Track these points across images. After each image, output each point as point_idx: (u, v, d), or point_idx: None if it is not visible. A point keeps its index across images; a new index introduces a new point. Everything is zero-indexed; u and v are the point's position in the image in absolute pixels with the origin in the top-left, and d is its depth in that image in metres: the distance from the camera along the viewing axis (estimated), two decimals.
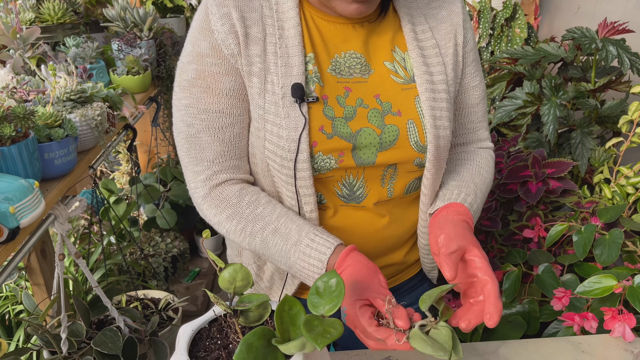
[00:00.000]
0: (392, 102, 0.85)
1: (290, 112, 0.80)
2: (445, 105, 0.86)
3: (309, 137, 0.80)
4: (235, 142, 0.85)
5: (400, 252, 0.97)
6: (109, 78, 1.97)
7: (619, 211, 1.21)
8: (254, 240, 0.83)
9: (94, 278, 1.42)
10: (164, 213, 2.15)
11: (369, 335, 0.68)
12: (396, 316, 0.67)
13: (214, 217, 0.86)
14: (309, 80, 0.82)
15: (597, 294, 0.91)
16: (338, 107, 0.83)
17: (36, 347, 1.36)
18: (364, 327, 0.68)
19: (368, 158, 0.84)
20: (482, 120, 0.98)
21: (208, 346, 0.67)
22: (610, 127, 1.79)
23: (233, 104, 0.83)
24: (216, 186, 0.85)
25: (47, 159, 1.19)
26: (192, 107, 0.83)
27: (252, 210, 0.83)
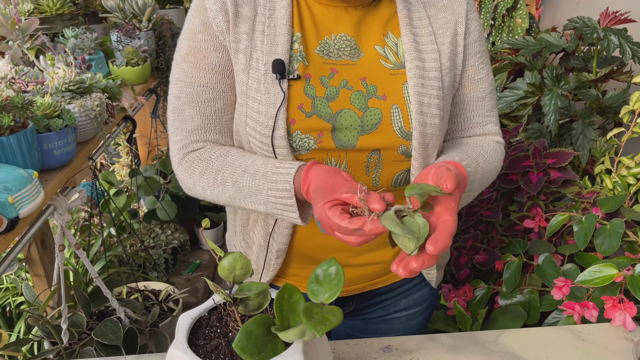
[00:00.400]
0: (378, 86, 0.84)
1: (271, 89, 0.81)
2: (435, 92, 0.84)
3: (286, 114, 0.81)
4: (216, 117, 0.87)
5: (387, 252, 0.95)
6: (108, 69, 1.96)
7: (620, 201, 1.21)
8: (227, 188, 0.82)
9: (94, 269, 1.42)
10: (164, 205, 2.15)
11: (346, 230, 0.64)
12: (370, 201, 0.64)
13: (189, 179, 0.87)
14: (293, 59, 0.83)
15: (598, 283, 0.91)
16: (320, 87, 0.83)
17: (37, 338, 1.36)
18: (337, 224, 0.65)
19: (348, 141, 0.83)
20: (489, 115, 0.95)
21: (207, 334, 0.67)
22: (611, 117, 1.79)
23: (218, 80, 0.85)
24: (191, 152, 0.87)
25: (46, 150, 1.18)
26: (181, 81, 0.87)
27: (222, 160, 0.84)
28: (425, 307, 1.07)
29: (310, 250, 0.93)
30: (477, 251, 1.24)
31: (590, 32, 1.59)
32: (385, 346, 0.85)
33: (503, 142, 0.98)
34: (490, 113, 0.96)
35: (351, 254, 0.93)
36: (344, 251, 0.92)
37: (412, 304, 1.05)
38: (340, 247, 0.91)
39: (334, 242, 0.90)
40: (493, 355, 0.83)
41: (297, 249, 0.94)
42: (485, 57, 0.93)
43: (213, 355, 0.64)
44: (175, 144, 0.89)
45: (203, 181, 0.85)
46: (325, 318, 0.59)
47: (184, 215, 2.38)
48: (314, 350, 0.65)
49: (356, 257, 0.93)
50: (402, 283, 1.02)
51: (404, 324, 1.06)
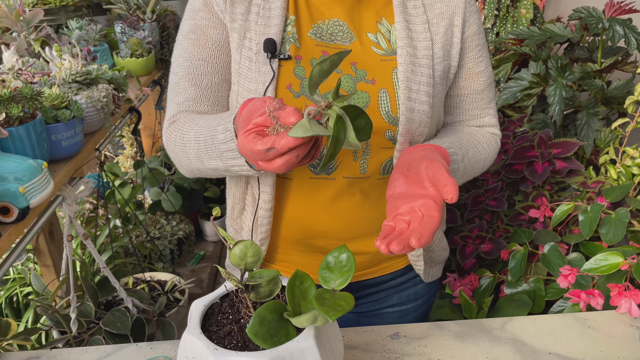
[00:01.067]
0: (367, 71, 0.85)
1: (261, 67, 0.83)
2: (425, 80, 0.85)
3: (274, 93, 0.82)
4: (210, 90, 0.88)
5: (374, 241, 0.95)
6: (112, 61, 1.96)
7: (625, 190, 1.21)
8: (191, 146, 0.80)
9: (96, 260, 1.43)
10: (170, 196, 2.16)
11: (258, 153, 0.59)
12: (282, 116, 0.58)
13: (169, 146, 0.88)
14: (285, 40, 0.85)
15: (604, 271, 0.92)
16: (310, 69, 0.84)
17: (45, 328, 1.37)
18: (249, 148, 0.59)
19: None
20: (487, 107, 0.96)
21: (220, 321, 0.68)
22: (616, 107, 1.79)
23: (216, 55, 0.87)
24: (174, 122, 0.88)
25: (54, 141, 1.19)
26: (180, 57, 0.89)
27: (190, 123, 0.83)
28: (420, 304, 1.06)
29: (295, 236, 0.94)
30: (483, 240, 1.25)
31: (595, 22, 1.59)
32: (394, 333, 0.86)
33: (499, 134, 0.98)
34: (488, 105, 0.96)
35: (337, 241, 0.93)
36: (330, 238, 0.92)
37: (404, 300, 1.04)
38: (326, 233, 0.91)
39: (320, 228, 0.91)
40: (500, 342, 0.84)
41: (283, 234, 0.94)
42: (484, 49, 0.93)
43: (226, 341, 0.65)
44: (166, 117, 0.91)
45: (177, 146, 0.85)
46: (337, 304, 0.60)
47: (189, 207, 2.39)
48: (325, 336, 0.65)
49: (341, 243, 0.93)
50: (392, 277, 1.01)
51: (396, 319, 1.05)
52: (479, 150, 0.92)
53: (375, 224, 0.92)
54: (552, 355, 0.80)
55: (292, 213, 0.91)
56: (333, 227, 0.90)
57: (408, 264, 1.01)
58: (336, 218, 0.89)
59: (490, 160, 0.96)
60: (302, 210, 0.90)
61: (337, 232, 0.90)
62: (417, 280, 1.04)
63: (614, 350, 0.81)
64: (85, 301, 1.41)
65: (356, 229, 0.91)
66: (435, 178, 0.70)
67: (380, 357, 0.81)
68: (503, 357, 0.80)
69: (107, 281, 1.48)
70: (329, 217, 0.89)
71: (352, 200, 0.89)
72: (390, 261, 0.98)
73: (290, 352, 0.61)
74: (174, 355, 0.83)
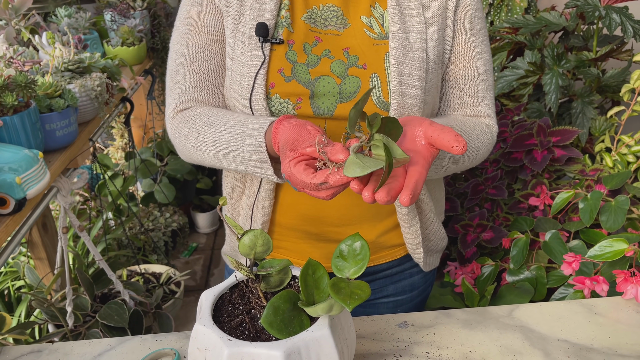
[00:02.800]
0: (359, 56, 0.84)
1: (253, 52, 0.83)
2: (417, 64, 0.83)
3: (266, 77, 0.82)
4: (209, 77, 0.88)
5: (374, 229, 0.93)
6: (102, 49, 1.92)
7: (625, 178, 1.22)
8: (208, 147, 0.82)
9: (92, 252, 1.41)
10: (163, 187, 2.13)
11: (311, 186, 0.62)
12: (332, 152, 0.61)
13: (177, 140, 0.89)
14: (278, 25, 0.85)
15: (609, 257, 0.92)
16: (302, 54, 0.84)
17: (41, 321, 1.35)
18: (301, 180, 0.62)
19: (327, 108, 0.83)
20: (482, 96, 0.91)
21: (230, 311, 0.67)
22: (610, 96, 1.79)
23: (212, 42, 0.87)
24: (179, 112, 0.88)
25: (48, 130, 1.16)
26: (178, 44, 0.89)
27: (204, 120, 0.84)
28: (415, 295, 1.06)
29: (292, 222, 0.93)
30: (484, 229, 1.25)
31: (592, 11, 1.59)
32: (401, 322, 0.86)
33: (495, 126, 0.93)
34: (482, 95, 0.92)
35: (334, 228, 0.92)
36: (327, 225, 0.91)
37: (400, 290, 1.03)
38: (322, 219, 0.91)
39: (316, 214, 0.91)
40: (508, 330, 0.83)
41: (279, 221, 0.94)
42: (481, 35, 0.90)
43: (238, 332, 0.64)
44: (168, 105, 0.90)
45: (188, 142, 0.86)
46: (353, 292, 0.59)
47: (182, 198, 2.37)
48: (339, 325, 0.65)
49: (340, 232, 0.92)
50: (388, 267, 1.00)
51: (391, 310, 1.04)
52: (472, 138, 0.87)
53: (371, 211, 0.92)
54: (561, 342, 0.81)
55: (288, 199, 0.91)
56: (329, 213, 0.89)
57: (405, 254, 1.00)
58: (332, 204, 0.89)
59: (483, 152, 0.91)
60: (298, 196, 0.89)
61: (333, 218, 0.90)
62: (413, 271, 1.03)
63: (622, 336, 0.81)
64: (80, 294, 1.38)
65: (352, 215, 0.90)
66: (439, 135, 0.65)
67: (389, 346, 0.81)
68: (512, 344, 0.80)
69: (103, 274, 1.46)
70: (325, 203, 0.88)
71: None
72: (388, 250, 0.97)
73: (305, 342, 0.60)
74: (179, 347, 0.82)
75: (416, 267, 1.02)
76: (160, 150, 2.28)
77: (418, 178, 0.61)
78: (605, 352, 0.78)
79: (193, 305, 2.31)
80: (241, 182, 0.95)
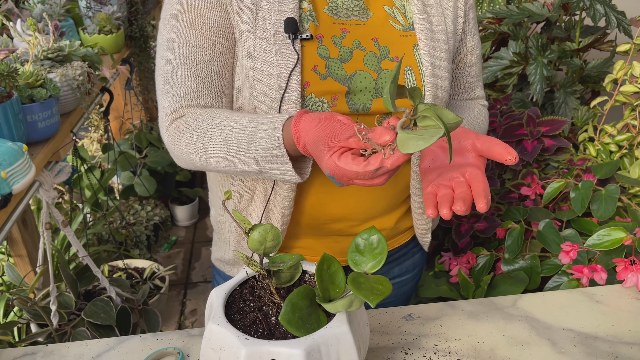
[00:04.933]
0: (390, 47, 0.82)
1: (282, 49, 0.77)
2: (444, 55, 0.84)
3: (300, 76, 0.77)
4: (212, 81, 0.82)
5: (392, 216, 0.94)
6: (78, 37, 1.85)
7: (614, 167, 1.24)
8: (215, 151, 0.77)
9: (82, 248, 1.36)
10: (143, 180, 2.07)
11: (366, 174, 0.60)
12: (375, 137, 0.59)
13: (176, 147, 0.82)
14: (302, 19, 0.80)
15: (607, 246, 0.93)
16: (333, 48, 0.80)
17: (24, 321, 1.30)
18: (355, 170, 0.60)
19: (363, 104, 0.81)
20: (478, 80, 0.98)
21: (242, 309, 0.65)
22: (591, 86, 1.82)
23: (215, 40, 0.80)
24: (179, 117, 0.82)
25: (30, 122, 1.11)
26: (173, 42, 0.81)
27: (208, 123, 0.78)
28: (416, 273, 1.08)
29: (311, 221, 0.90)
30: (478, 219, 1.25)
31: (576, 1, 1.60)
32: (407, 315, 0.85)
33: (487, 104, 1.00)
34: (478, 78, 0.98)
35: (355, 222, 0.91)
36: (349, 220, 0.90)
37: (404, 270, 1.05)
38: (347, 217, 0.89)
39: (342, 213, 0.88)
40: (514, 320, 0.84)
41: (296, 220, 0.91)
42: (476, 22, 0.94)
43: (252, 330, 0.62)
44: (164, 110, 0.83)
45: (190, 148, 0.79)
46: (374, 287, 0.57)
47: (162, 191, 2.31)
48: (356, 321, 0.63)
49: (359, 226, 0.92)
50: (396, 250, 1.01)
51: (396, 290, 1.06)
52: (479, 124, 0.94)
53: (393, 202, 0.91)
54: (566, 331, 0.81)
55: (309, 200, 0.87)
56: (354, 210, 0.87)
57: (411, 237, 1.01)
58: (357, 200, 0.87)
59: (485, 132, 0.98)
60: (320, 195, 0.86)
61: (358, 214, 0.88)
62: (415, 250, 1.05)
63: (625, 324, 0.82)
64: (64, 292, 1.33)
65: (375, 209, 0.89)
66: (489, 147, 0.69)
67: (397, 339, 0.80)
68: (519, 335, 0.81)
69: (86, 270, 1.41)
70: (350, 201, 0.86)
71: None
72: (401, 234, 0.98)
73: (325, 339, 0.58)
74: (182, 345, 0.79)
75: (417, 247, 1.04)
76: (139, 142, 2.22)
77: (485, 185, 0.65)
78: (610, 340, 0.79)
79: (175, 299, 2.27)
80: (250, 188, 0.89)
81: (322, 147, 0.63)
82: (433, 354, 0.77)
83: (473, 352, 0.78)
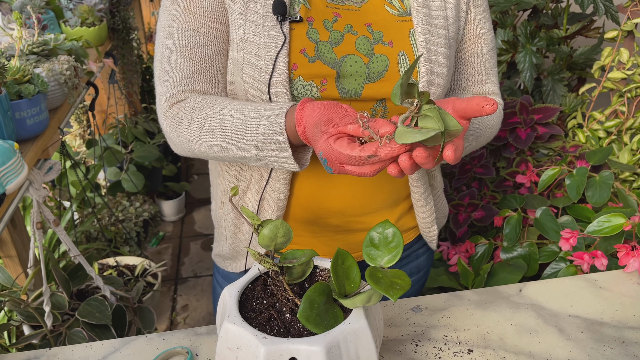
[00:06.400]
0: (383, 32, 0.81)
1: (271, 31, 0.77)
2: (442, 41, 0.82)
3: (288, 58, 0.77)
4: (206, 65, 0.82)
5: (392, 213, 0.93)
6: (60, 30, 1.80)
7: (607, 153, 1.25)
8: (214, 136, 0.77)
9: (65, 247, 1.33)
10: (131, 176, 2.04)
11: (358, 159, 0.59)
12: (376, 127, 0.59)
13: (175, 132, 0.82)
14: (293, 1, 0.79)
15: (607, 232, 0.94)
16: (324, 31, 0.79)
17: (16, 323, 1.27)
18: (348, 155, 0.59)
19: (354, 89, 0.80)
20: (489, 73, 0.93)
21: (255, 306, 0.64)
22: (578, 73, 1.84)
23: (209, 24, 0.81)
24: (176, 102, 0.82)
25: (19, 119, 1.08)
26: (169, 27, 0.82)
27: (209, 109, 0.79)
28: (421, 276, 1.06)
29: (308, 216, 0.89)
30: (475, 208, 1.26)
31: None
32: (414, 306, 0.85)
33: (502, 102, 0.96)
34: (490, 72, 0.93)
35: (355, 217, 0.90)
36: (347, 215, 0.89)
37: (408, 274, 1.03)
38: (343, 210, 0.88)
39: (338, 206, 0.87)
40: (520, 308, 0.84)
41: (293, 215, 0.90)
42: (487, 12, 0.91)
43: (268, 328, 0.61)
44: (161, 96, 0.83)
45: (189, 134, 0.80)
46: (393, 282, 0.57)
47: (149, 187, 2.27)
48: (371, 315, 0.63)
49: (360, 222, 0.91)
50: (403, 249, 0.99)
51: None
52: (487, 118, 0.89)
53: (392, 196, 0.90)
54: (572, 317, 0.82)
55: (305, 192, 0.86)
56: (351, 203, 0.86)
57: (416, 236, 1.00)
58: (354, 194, 0.86)
59: (496, 130, 0.94)
60: (316, 188, 0.85)
61: (354, 208, 0.87)
62: (419, 253, 1.03)
63: (628, 309, 0.83)
64: (56, 292, 1.30)
65: (374, 203, 0.88)
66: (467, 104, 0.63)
67: (406, 332, 0.80)
68: (526, 323, 0.81)
69: (78, 269, 1.38)
70: (347, 193, 0.85)
71: None
72: (403, 234, 0.96)
73: (344, 335, 0.58)
74: (189, 344, 0.78)
75: (422, 249, 1.02)
76: (124, 136, 2.17)
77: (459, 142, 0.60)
78: (616, 325, 0.80)
79: (166, 295, 2.24)
80: (247, 176, 0.89)
81: (322, 129, 0.63)
82: (443, 345, 0.77)
83: (483, 341, 0.78)
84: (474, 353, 0.76)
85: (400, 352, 0.76)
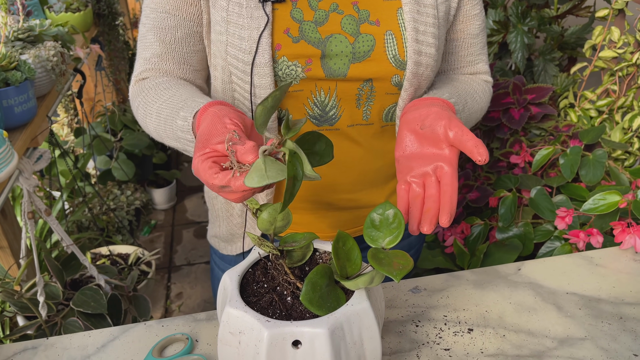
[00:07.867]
0: (370, 11, 0.80)
1: (254, 12, 0.77)
2: (431, 21, 0.81)
3: (271, 39, 0.77)
4: (175, 46, 0.84)
5: (383, 191, 0.93)
6: (44, 16, 1.76)
7: (600, 132, 1.25)
8: (152, 119, 0.79)
9: (57, 236, 1.31)
10: (121, 164, 2.01)
11: (212, 187, 0.57)
12: (241, 152, 0.56)
13: (134, 109, 0.85)
14: None
15: (603, 210, 0.95)
16: (308, 10, 0.78)
17: (10, 314, 1.25)
18: (204, 178, 0.57)
19: (339, 69, 0.79)
20: (481, 53, 0.93)
21: (256, 290, 0.63)
22: (569, 53, 1.84)
23: (179, 7, 0.82)
24: (141, 79, 0.85)
25: (6, 107, 1.05)
26: (147, 7, 0.84)
27: (155, 92, 0.80)
28: (412, 254, 1.06)
29: (301, 193, 0.89)
30: (470, 189, 1.26)
31: None
32: (413, 287, 0.85)
33: (491, 81, 0.97)
34: (481, 51, 0.94)
35: (346, 195, 0.89)
36: (339, 192, 0.88)
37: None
38: (334, 187, 0.88)
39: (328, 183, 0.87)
40: (518, 287, 0.84)
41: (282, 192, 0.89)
42: None
43: (269, 311, 0.60)
44: (134, 72, 0.86)
45: (138, 112, 0.83)
46: (396, 262, 0.56)
47: (140, 175, 2.25)
48: (373, 296, 0.62)
49: (351, 199, 0.90)
50: None
51: None
52: (476, 100, 0.90)
53: (382, 174, 0.90)
54: (570, 295, 0.82)
55: None
56: (342, 180, 0.86)
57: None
58: (344, 170, 0.85)
59: (484, 110, 0.95)
60: None
61: (346, 185, 0.87)
62: (417, 238, 1.04)
63: (625, 285, 0.84)
64: (49, 282, 1.29)
65: (365, 180, 0.88)
66: (460, 140, 0.68)
67: (406, 312, 0.80)
68: (525, 301, 0.81)
69: (71, 259, 1.37)
70: (337, 170, 0.85)
71: (359, 150, 0.86)
72: None
73: (347, 317, 0.57)
74: (188, 330, 0.78)
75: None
76: (113, 124, 2.14)
77: (451, 193, 0.63)
78: (613, 301, 0.81)
79: (160, 283, 2.24)
80: None
81: (198, 144, 0.62)
82: (443, 325, 0.78)
83: (482, 320, 0.78)
84: (474, 332, 0.76)
85: (401, 333, 0.76)
